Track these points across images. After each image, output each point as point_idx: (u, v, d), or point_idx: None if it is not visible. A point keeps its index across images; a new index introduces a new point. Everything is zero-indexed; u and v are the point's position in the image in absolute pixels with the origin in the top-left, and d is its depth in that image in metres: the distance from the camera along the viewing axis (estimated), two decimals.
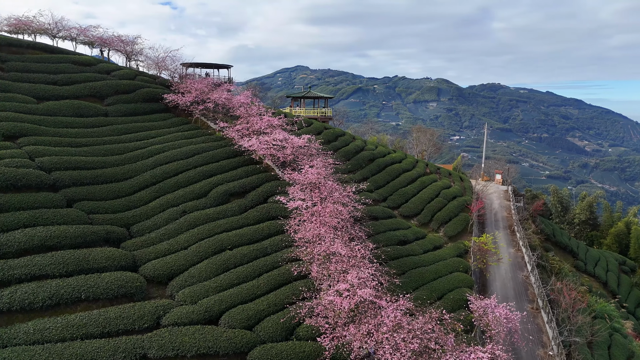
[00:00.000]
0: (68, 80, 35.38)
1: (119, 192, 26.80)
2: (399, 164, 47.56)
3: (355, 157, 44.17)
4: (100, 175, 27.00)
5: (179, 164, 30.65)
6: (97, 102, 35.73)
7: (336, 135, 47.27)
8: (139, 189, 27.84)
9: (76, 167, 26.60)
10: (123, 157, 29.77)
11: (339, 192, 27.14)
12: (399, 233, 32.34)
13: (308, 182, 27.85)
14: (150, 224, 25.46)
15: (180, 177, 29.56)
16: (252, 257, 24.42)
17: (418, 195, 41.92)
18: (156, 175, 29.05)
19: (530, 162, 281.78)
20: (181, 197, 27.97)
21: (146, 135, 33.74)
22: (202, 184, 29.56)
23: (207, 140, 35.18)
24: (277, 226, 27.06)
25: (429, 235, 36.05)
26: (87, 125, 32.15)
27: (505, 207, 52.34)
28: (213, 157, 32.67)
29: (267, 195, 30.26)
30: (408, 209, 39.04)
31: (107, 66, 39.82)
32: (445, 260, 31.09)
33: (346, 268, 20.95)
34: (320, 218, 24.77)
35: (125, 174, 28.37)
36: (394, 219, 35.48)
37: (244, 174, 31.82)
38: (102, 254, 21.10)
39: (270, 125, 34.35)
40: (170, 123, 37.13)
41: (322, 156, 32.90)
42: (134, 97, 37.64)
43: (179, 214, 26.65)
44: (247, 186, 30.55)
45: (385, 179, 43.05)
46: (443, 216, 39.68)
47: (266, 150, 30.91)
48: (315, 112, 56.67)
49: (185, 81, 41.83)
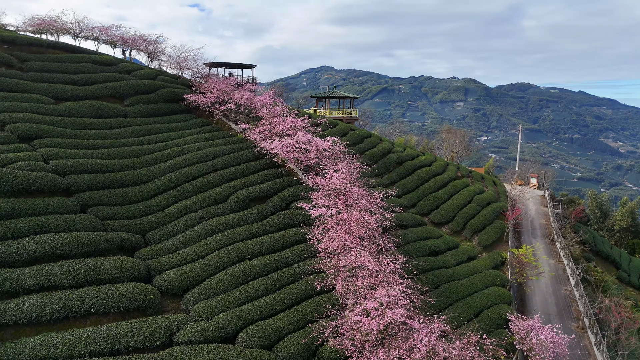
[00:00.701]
0: (88, 80, 34.86)
1: (136, 196, 25.84)
2: (429, 167, 45.44)
3: (383, 160, 42.33)
4: (116, 179, 26.11)
5: (198, 167, 29.58)
6: (117, 102, 35.08)
7: (362, 137, 45.54)
8: (156, 193, 26.84)
9: (92, 171, 25.78)
10: (141, 160, 28.88)
11: (366, 199, 25.46)
12: (430, 243, 30.38)
13: (333, 187, 26.27)
14: (167, 230, 24.36)
15: (199, 181, 28.46)
16: (272, 267, 23.02)
17: (449, 201, 39.76)
18: (175, 179, 28.02)
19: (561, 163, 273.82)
20: (200, 202, 26.84)
21: (166, 137, 32.84)
22: (222, 188, 28.38)
23: (228, 142, 34.05)
24: (299, 234, 25.59)
25: (462, 245, 33.92)
26: (106, 127, 31.45)
27: (543, 214, 49.49)
28: (234, 160, 31.49)
29: (289, 201, 28.85)
30: (439, 216, 36.97)
31: (128, 66, 39.23)
32: (480, 273, 28.97)
33: (374, 284, 19.27)
34: (346, 227, 23.15)
35: (143, 177, 27.42)
36: (424, 226, 33.51)
37: (266, 178, 30.52)
38: (114, 264, 20.05)
39: (293, 126, 32.95)
40: (191, 124, 36.19)
41: (348, 159, 31.27)
42: (155, 98, 36.88)
43: (197, 220, 25.49)
44: (268, 191, 29.21)
45: (414, 183, 41.05)
46: (477, 224, 37.43)
47: (289, 154, 29.50)
48: (340, 113, 55.05)
49: (206, 81, 40.92)
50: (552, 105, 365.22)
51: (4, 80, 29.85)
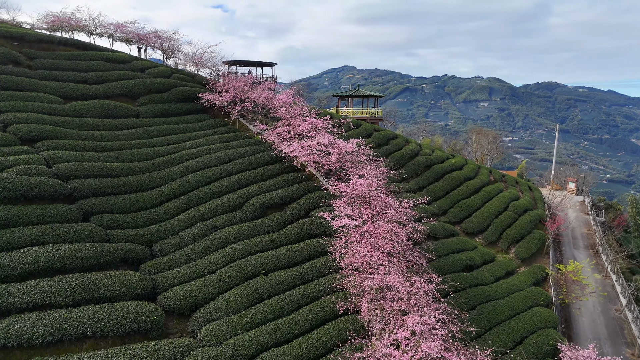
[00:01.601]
0: (99, 79, 33.63)
1: (143, 203, 24.24)
2: (460, 171, 42.76)
3: (410, 163, 39.92)
4: (123, 184, 24.57)
5: (212, 171, 27.87)
6: (128, 102, 33.74)
7: (388, 139, 43.21)
8: (166, 199, 25.21)
9: (98, 175, 24.31)
10: (151, 163, 27.33)
11: (394, 208, 23.23)
12: (464, 256, 27.89)
13: (357, 195, 24.11)
14: (176, 241, 22.65)
15: (212, 187, 26.73)
16: (289, 284, 21.02)
17: (483, 209, 37.06)
18: (186, 184, 26.35)
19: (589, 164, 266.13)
20: (212, 209, 25.08)
21: (179, 139, 31.28)
22: (236, 194, 26.57)
23: (244, 144, 32.28)
24: (319, 246, 23.54)
25: (499, 258, 31.28)
26: (116, 128, 30.06)
27: (584, 222, 46.16)
28: (250, 164, 29.67)
29: (309, 209, 26.84)
30: (472, 225, 34.35)
31: (142, 63, 37.94)
32: (521, 291, 26.35)
33: (405, 308, 17.05)
34: (372, 240, 20.97)
35: (152, 182, 25.84)
36: (456, 237, 31.01)
37: (284, 183, 28.58)
38: (116, 279, 18.38)
39: (314, 127, 30.93)
40: (206, 125, 34.58)
41: (373, 163, 29.06)
42: (168, 97, 35.42)
43: (209, 230, 23.72)
44: (286, 197, 27.26)
45: (445, 188, 38.50)
46: (513, 234, 34.66)
47: (309, 157, 27.48)
48: (364, 113, 52.80)
49: (223, 79, 39.31)
50: (581, 104, 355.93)
51: (10, 78, 28.77)
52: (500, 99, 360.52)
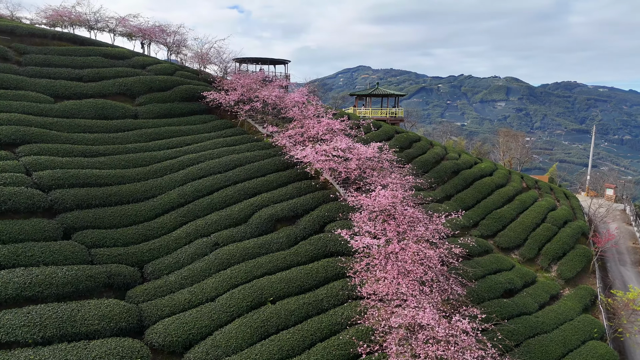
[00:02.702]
0: (95, 76, 31.28)
1: (136, 216, 21.65)
2: (490, 177, 39.44)
3: (436, 168, 36.76)
4: (114, 194, 22.02)
5: (215, 179, 25.20)
6: (127, 101, 31.32)
7: (410, 141, 40.13)
8: (162, 211, 22.60)
9: (85, 183, 21.81)
10: (147, 170, 24.77)
11: (424, 225, 20.21)
12: (503, 278, 24.71)
13: (380, 208, 21.15)
14: (171, 261, 19.98)
15: (215, 197, 24.04)
16: (301, 315, 18.18)
17: (518, 220, 33.71)
18: (185, 194, 23.71)
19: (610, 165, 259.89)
20: (214, 223, 22.38)
21: (180, 142, 28.70)
22: (242, 205, 23.84)
23: (252, 148, 29.57)
24: (336, 268, 20.64)
25: (540, 278, 27.98)
26: (110, 130, 27.60)
27: (628, 234, 42.40)
28: (258, 170, 26.95)
29: (323, 222, 23.98)
30: (507, 239, 31.07)
31: (143, 59, 35.55)
32: (571, 322, 23.05)
33: (443, 354, 14.02)
34: (399, 264, 17.99)
35: (147, 191, 23.25)
36: (491, 254, 27.83)
37: (296, 193, 25.77)
38: (95, 311, 15.76)
39: (329, 129, 28.06)
40: (211, 127, 31.97)
41: (397, 170, 26.06)
42: (171, 96, 32.92)
43: (209, 248, 21.01)
44: (298, 209, 24.45)
45: (474, 196, 35.24)
46: (554, 250, 31.26)
47: (324, 163, 24.61)
48: (383, 113, 49.74)
49: (233, 77, 36.72)
50: (601, 104, 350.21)
51: None
52: (518, 99, 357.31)
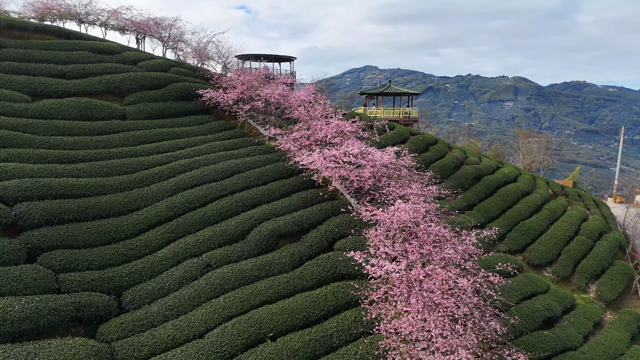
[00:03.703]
0: (80, 72, 28.80)
1: (116, 232, 19.01)
2: (515, 183, 36.44)
3: (456, 174, 33.87)
4: (92, 207, 19.41)
5: (210, 188, 22.54)
6: (115, 100, 28.79)
7: (427, 144, 37.26)
8: (146, 227, 19.95)
9: (58, 195, 19.23)
10: (133, 178, 22.15)
11: (452, 245, 17.37)
12: (540, 304, 21.80)
13: (399, 224, 18.34)
14: (155, 287, 17.31)
15: (209, 209, 21.36)
16: (307, 355, 15.45)
17: (549, 233, 30.71)
18: (175, 206, 21.06)
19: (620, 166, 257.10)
20: (207, 240, 19.70)
21: (172, 146, 26.10)
22: (239, 219, 21.14)
23: (253, 152, 26.91)
24: (347, 294, 17.87)
25: (578, 300, 25.03)
26: (93, 132, 25.05)
27: None
28: (259, 178, 24.25)
29: (332, 238, 21.24)
30: (538, 254, 28.13)
31: (135, 55, 33.02)
32: (622, 357, 20.06)
33: None
34: (425, 295, 15.17)
35: (131, 203, 20.62)
36: (523, 274, 24.87)
37: (301, 204, 23.05)
38: (57, 354, 13.10)
39: (339, 131, 25.28)
40: (208, 128, 29.34)
41: (417, 178, 23.22)
42: (164, 94, 30.35)
43: (200, 270, 18.33)
44: (304, 223, 21.72)
45: (499, 206, 32.30)
46: (592, 267, 28.24)
47: (334, 171, 21.84)
48: (395, 113, 46.90)
49: (233, 73, 34.09)
50: (610, 104, 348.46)
51: None
52: (526, 98, 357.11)
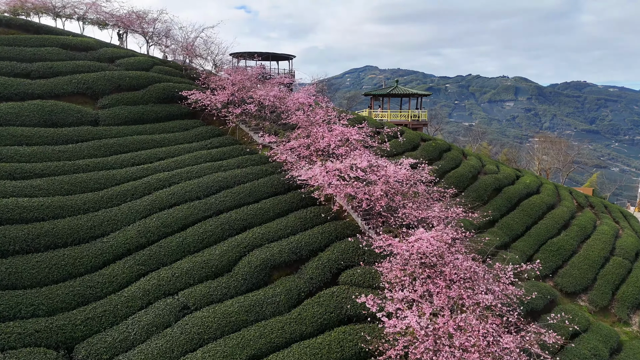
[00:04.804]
0: (47, 71, 25.65)
1: (74, 266, 15.84)
2: (537, 195, 33.24)
3: (474, 185, 30.70)
4: (46, 233, 16.26)
5: (191, 208, 19.37)
6: (87, 102, 25.67)
7: (440, 151, 34.09)
8: (112, 257, 16.77)
9: (4, 219, 16.04)
10: (100, 196, 18.96)
11: (485, 283, 14.19)
12: (585, 347, 18.61)
13: (419, 256, 15.16)
14: (116, 337, 14.11)
15: (189, 234, 18.19)
16: None
17: (581, 253, 27.53)
18: (148, 230, 17.88)
19: (620, 166, 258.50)
20: (185, 274, 16.52)
21: (150, 156, 22.93)
22: (225, 246, 17.98)
23: (244, 162, 23.74)
24: (355, 345, 14.67)
25: (623, 337, 21.81)
26: (58, 141, 21.88)
27: None
28: (250, 194, 21.09)
29: (337, 269, 18.10)
30: (571, 280, 24.95)
31: (113, 52, 29.86)
32: None
33: None
34: (457, 355, 11.97)
35: (96, 227, 17.44)
36: (559, 307, 21.66)
37: (299, 226, 19.89)
38: None
39: (344, 139, 22.10)
40: (193, 135, 26.17)
41: (437, 195, 20.03)
42: (144, 96, 27.20)
43: (174, 314, 15.13)
44: (302, 249, 18.57)
45: (523, 221, 29.12)
46: (632, 294, 25.11)
47: (339, 189, 18.64)
48: (403, 116, 43.72)
49: (224, 72, 30.95)
50: (611, 104, 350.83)
51: None
52: (527, 98, 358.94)
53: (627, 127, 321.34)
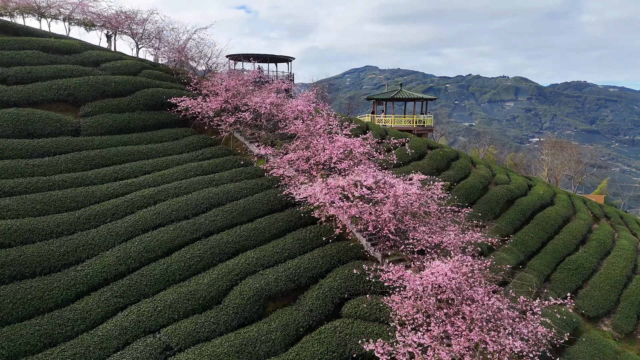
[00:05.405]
0: (25, 77, 23.95)
1: (42, 300, 14.10)
2: (552, 207, 31.49)
3: (485, 197, 28.94)
4: (11, 263, 14.55)
5: (178, 229, 17.65)
6: (68, 110, 23.96)
7: (448, 160, 32.39)
8: (87, 289, 15.04)
9: None
10: (76, 217, 17.23)
11: (508, 322, 12.45)
12: None
13: (434, 289, 13.42)
14: None
15: (174, 260, 16.44)
16: None
17: (602, 272, 25.79)
18: (129, 256, 16.14)
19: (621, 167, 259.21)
20: (169, 307, 14.77)
21: (135, 169, 21.19)
22: (215, 273, 16.24)
23: (237, 176, 22.01)
24: None
25: None
26: (33, 153, 20.15)
27: None
28: (244, 213, 19.37)
29: (340, 298, 16.38)
30: (592, 302, 23.21)
31: (99, 54, 28.17)
32: None
33: None
34: None
35: (69, 254, 15.70)
36: (585, 336, 19.89)
37: (297, 248, 18.17)
38: None
39: (346, 151, 20.35)
40: (184, 145, 24.44)
41: (450, 216, 18.27)
42: (131, 103, 25.48)
43: (155, 357, 13.37)
44: (301, 276, 16.84)
45: (538, 236, 27.37)
46: None
47: (343, 210, 16.88)
48: (407, 121, 41.97)
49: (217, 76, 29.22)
50: (611, 104, 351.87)
51: None
52: (527, 98, 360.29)
53: (628, 127, 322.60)
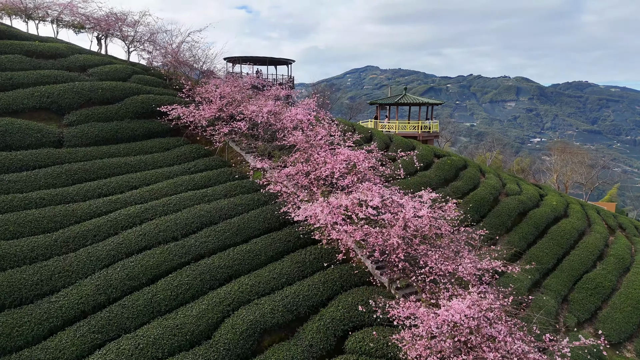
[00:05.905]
0: (6, 83, 22.58)
1: (9, 337, 12.67)
2: (566, 219, 29.99)
3: (495, 210, 27.45)
4: None
5: (165, 252, 16.19)
6: (51, 119, 22.55)
7: (456, 169, 30.93)
8: (61, 323, 13.58)
9: None
10: (53, 239, 15.79)
11: None
12: None
13: (450, 327, 11.95)
14: None
15: (160, 288, 14.98)
16: None
17: (622, 291, 24.32)
18: (110, 284, 14.69)
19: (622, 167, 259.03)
20: (152, 344, 13.30)
21: (121, 184, 19.74)
22: (205, 303, 14.77)
23: (232, 190, 20.57)
24: None
25: None
26: (10, 168, 18.74)
27: None
28: (238, 233, 17.92)
29: (343, 330, 14.91)
30: (614, 327, 21.75)
31: (86, 59, 26.76)
32: None
33: None
34: None
35: (43, 282, 14.26)
36: None
37: (296, 272, 16.72)
38: None
39: (350, 165, 18.88)
40: (175, 156, 23.00)
41: (462, 235, 16.78)
42: (119, 111, 24.04)
43: None
44: (299, 305, 15.38)
45: (554, 252, 25.88)
46: None
47: (347, 235, 15.39)
48: (412, 127, 40.51)
49: (211, 81, 27.78)
50: (613, 104, 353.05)
51: None
52: (528, 99, 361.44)
53: (629, 128, 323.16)
